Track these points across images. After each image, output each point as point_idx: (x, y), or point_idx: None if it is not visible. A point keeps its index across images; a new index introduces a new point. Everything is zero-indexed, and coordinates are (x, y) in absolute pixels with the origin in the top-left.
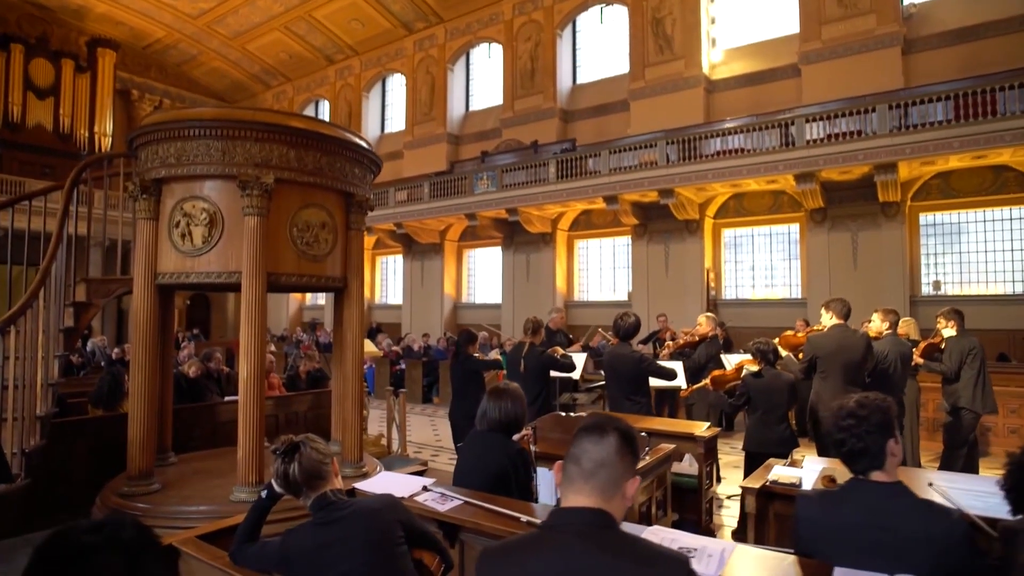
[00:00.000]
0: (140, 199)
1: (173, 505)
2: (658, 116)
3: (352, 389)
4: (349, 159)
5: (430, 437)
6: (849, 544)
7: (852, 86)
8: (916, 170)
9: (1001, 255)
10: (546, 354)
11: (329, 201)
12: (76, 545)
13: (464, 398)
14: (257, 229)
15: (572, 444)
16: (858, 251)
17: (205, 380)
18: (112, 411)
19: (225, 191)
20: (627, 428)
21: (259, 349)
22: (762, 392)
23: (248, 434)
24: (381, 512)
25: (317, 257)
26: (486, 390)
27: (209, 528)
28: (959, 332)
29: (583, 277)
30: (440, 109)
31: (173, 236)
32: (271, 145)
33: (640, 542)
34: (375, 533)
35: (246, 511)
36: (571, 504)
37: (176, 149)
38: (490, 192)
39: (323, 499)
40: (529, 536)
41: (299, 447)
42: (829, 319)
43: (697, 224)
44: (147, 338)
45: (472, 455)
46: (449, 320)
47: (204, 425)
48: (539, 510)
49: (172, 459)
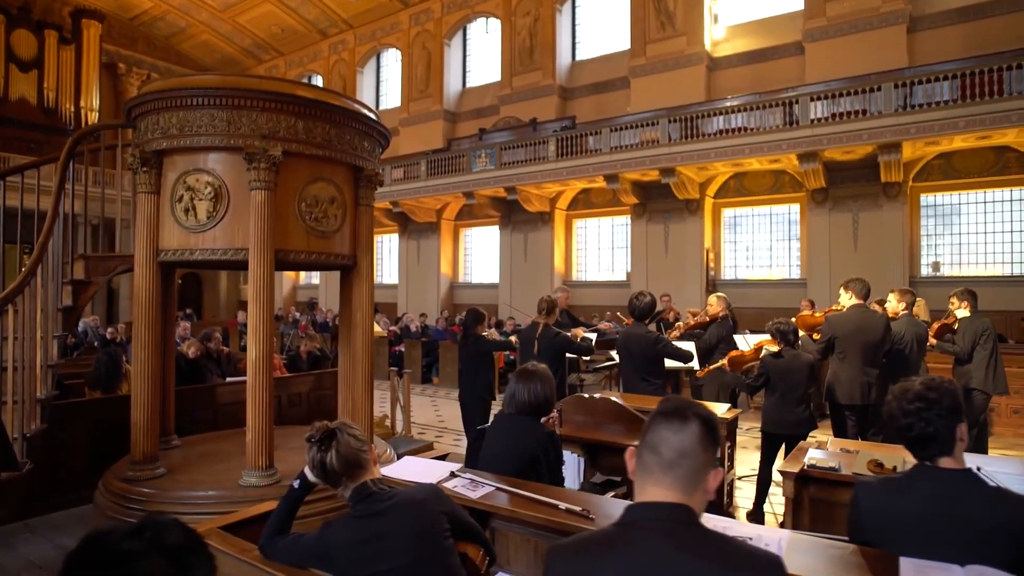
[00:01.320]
0: (140, 172)
1: (181, 490)
2: (659, 94)
3: (362, 370)
4: (358, 131)
5: (432, 418)
6: (915, 534)
7: (856, 65)
8: (920, 150)
9: (1000, 236)
10: (562, 335)
11: (338, 175)
12: (115, 552)
13: (474, 379)
14: (264, 204)
15: (647, 430)
16: (859, 232)
17: (205, 361)
18: (111, 393)
19: (230, 164)
20: (708, 414)
21: (268, 329)
22: (781, 373)
23: (257, 417)
24: (426, 503)
25: (326, 233)
26: (513, 372)
27: (231, 518)
28: (972, 313)
29: (581, 257)
30: (436, 85)
31: (176, 211)
32: (279, 116)
33: (729, 541)
34: (422, 526)
35: (256, 497)
36: (650, 498)
37: (178, 119)
38: (488, 170)
39: (363, 489)
40: (604, 533)
41: (335, 434)
42: (848, 299)
43: (697, 204)
44: (149, 317)
45: (500, 439)
46: (446, 300)
47: (206, 407)
48: (576, 497)
49: (175, 442)
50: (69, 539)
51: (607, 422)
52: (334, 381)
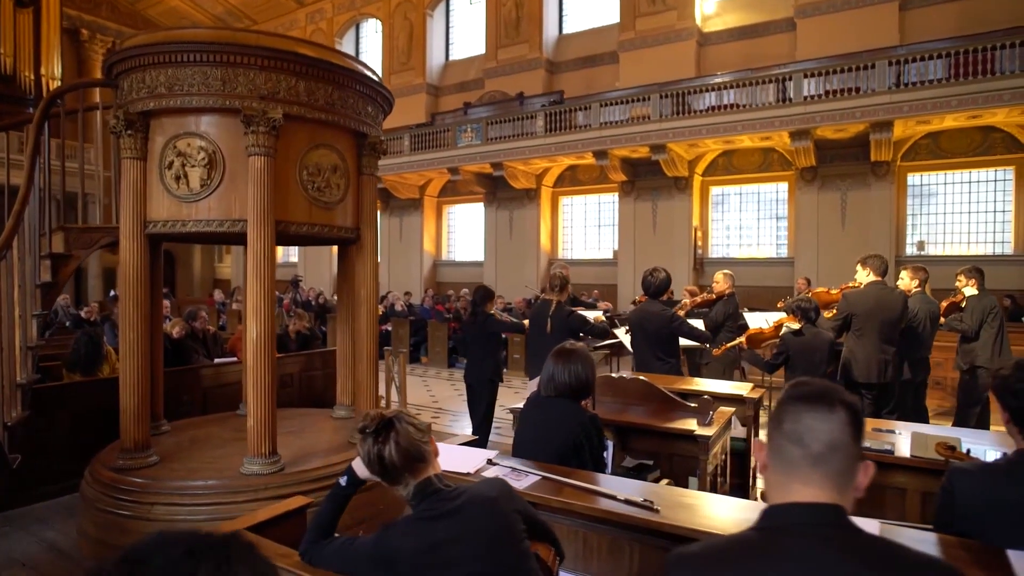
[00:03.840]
0: (124, 135)
1: (177, 480)
2: (648, 69)
3: (368, 349)
4: (362, 95)
5: (426, 398)
6: (1021, 524)
7: (848, 42)
8: (910, 129)
9: (984, 216)
10: (576, 314)
11: (341, 142)
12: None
13: (482, 360)
14: (264, 171)
15: (785, 418)
16: (847, 211)
17: (190, 341)
18: (91, 375)
19: (225, 127)
20: (852, 399)
21: (269, 307)
22: (802, 351)
23: (259, 400)
24: (499, 501)
25: (329, 204)
26: (551, 352)
27: (255, 517)
28: (980, 290)
29: (567, 235)
30: (419, 58)
31: (166, 178)
32: (278, 75)
33: (899, 548)
34: (497, 528)
35: (260, 486)
36: (798, 498)
37: (167, 77)
38: (475, 145)
39: (427, 486)
40: (743, 541)
41: (393, 423)
42: (866, 276)
43: (686, 181)
44: (138, 294)
45: (538, 423)
46: (429, 278)
47: (193, 390)
48: (633, 486)
49: (165, 427)
50: (55, 533)
51: (638, 403)
52: (325, 361)
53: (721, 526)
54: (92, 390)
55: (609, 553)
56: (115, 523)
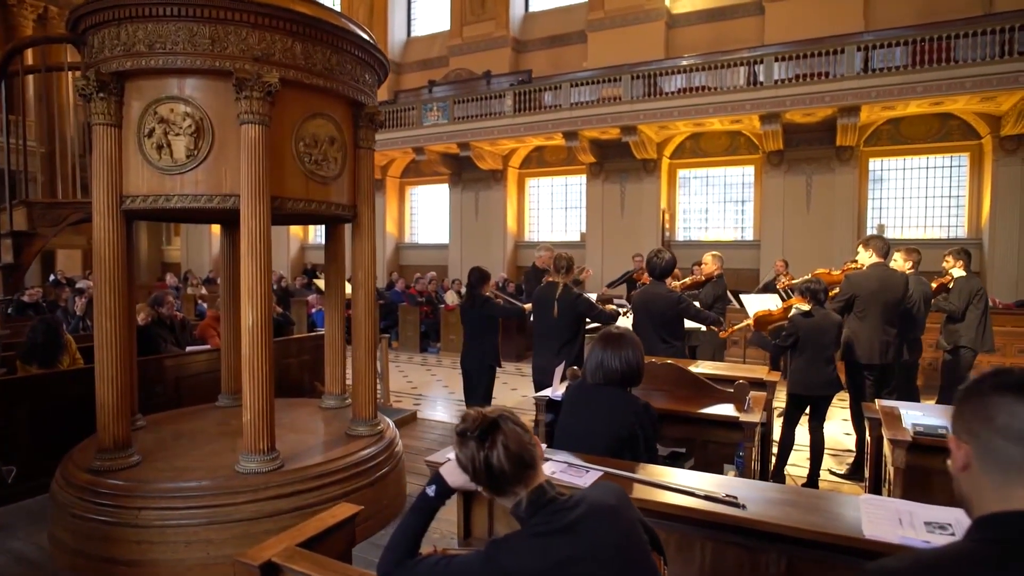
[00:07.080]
0: (96, 99)
1: (166, 481)
2: (616, 50)
3: (365, 335)
4: (360, 61)
5: (404, 385)
6: None
7: (814, 27)
8: (875, 115)
9: (939, 201)
10: (583, 297)
11: (337, 111)
12: None
13: (479, 345)
14: (258, 141)
15: (997, 412)
16: (812, 195)
17: (157, 328)
18: (50, 367)
19: (213, 92)
20: None
21: (265, 291)
22: (812, 332)
23: (256, 393)
24: (619, 509)
25: (326, 180)
26: (597, 337)
27: (303, 532)
28: (967, 272)
29: (534, 217)
30: (380, 33)
31: (145, 148)
32: (273, 35)
33: None
34: (622, 541)
35: (259, 485)
36: (1021, 506)
37: (146, 33)
38: (441, 124)
39: (540, 496)
40: (962, 555)
41: (499, 424)
42: (868, 257)
43: (655, 164)
44: (114, 278)
45: (587, 413)
46: (392, 261)
47: (166, 380)
48: (707, 482)
49: (140, 422)
50: (21, 542)
51: (669, 388)
52: (301, 348)
53: (820, 523)
54: (53, 383)
55: (678, 551)
56: (96, 531)
